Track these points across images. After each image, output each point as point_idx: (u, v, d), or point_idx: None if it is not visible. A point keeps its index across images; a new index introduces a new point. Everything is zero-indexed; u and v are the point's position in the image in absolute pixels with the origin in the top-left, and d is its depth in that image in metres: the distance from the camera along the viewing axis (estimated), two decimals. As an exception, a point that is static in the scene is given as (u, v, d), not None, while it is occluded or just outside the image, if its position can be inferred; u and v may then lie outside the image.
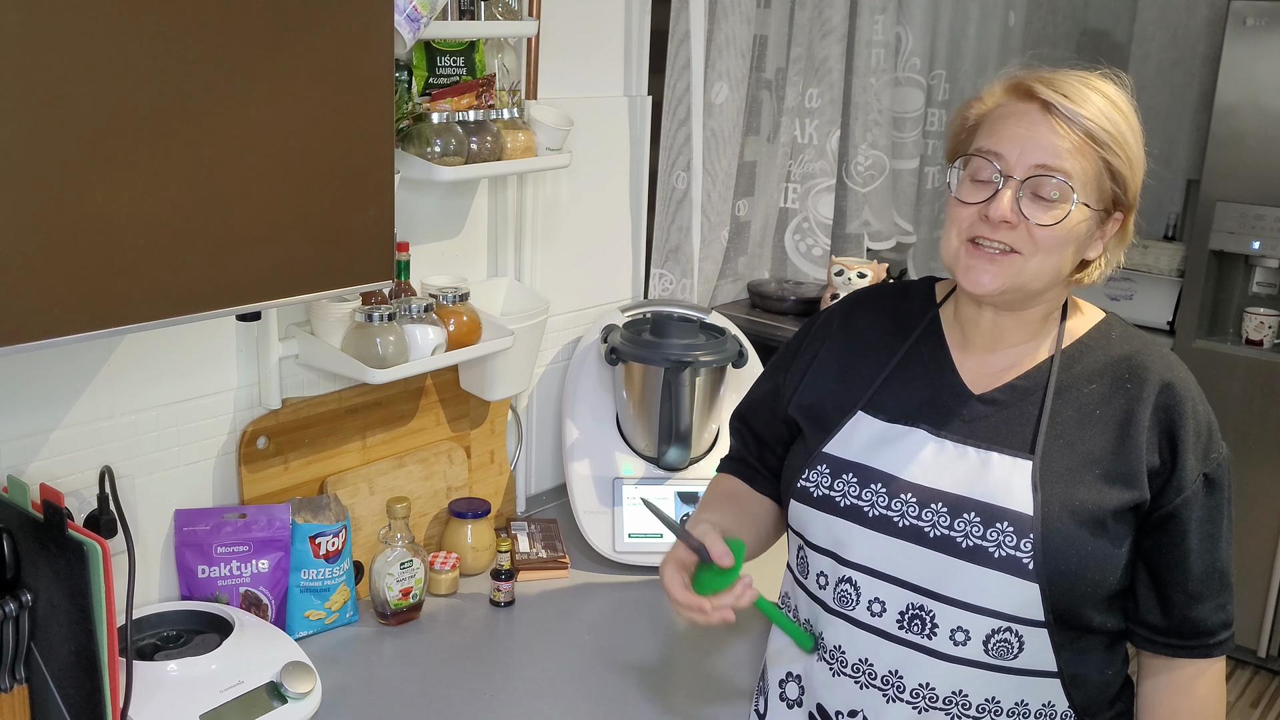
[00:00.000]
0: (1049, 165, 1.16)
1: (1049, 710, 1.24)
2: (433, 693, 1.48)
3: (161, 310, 1.10)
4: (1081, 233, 1.20)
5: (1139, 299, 3.73)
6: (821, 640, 1.31)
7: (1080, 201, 1.17)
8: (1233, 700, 3.29)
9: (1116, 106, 1.20)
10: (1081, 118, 1.17)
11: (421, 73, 1.62)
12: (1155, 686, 1.28)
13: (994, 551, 1.19)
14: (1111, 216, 1.23)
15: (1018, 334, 1.28)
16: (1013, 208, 1.17)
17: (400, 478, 1.77)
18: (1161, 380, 1.23)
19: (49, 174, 0.99)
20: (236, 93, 1.10)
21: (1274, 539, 3.28)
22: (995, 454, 1.23)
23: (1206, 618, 1.23)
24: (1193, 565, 1.22)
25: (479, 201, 1.89)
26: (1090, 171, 1.18)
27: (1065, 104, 1.17)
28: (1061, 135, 1.17)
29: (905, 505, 1.24)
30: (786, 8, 2.58)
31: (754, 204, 2.68)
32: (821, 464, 1.30)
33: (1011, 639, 1.20)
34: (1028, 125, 1.18)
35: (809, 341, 1.42)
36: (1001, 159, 1.18)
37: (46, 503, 1.16)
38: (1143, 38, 4.21)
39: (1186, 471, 1.20)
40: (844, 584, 1.27)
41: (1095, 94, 1.19)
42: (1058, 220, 1.17)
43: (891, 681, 1.24)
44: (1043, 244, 1.18)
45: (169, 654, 1.38)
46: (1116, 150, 1.18)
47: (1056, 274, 1.21)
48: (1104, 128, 1.17)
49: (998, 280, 1.20)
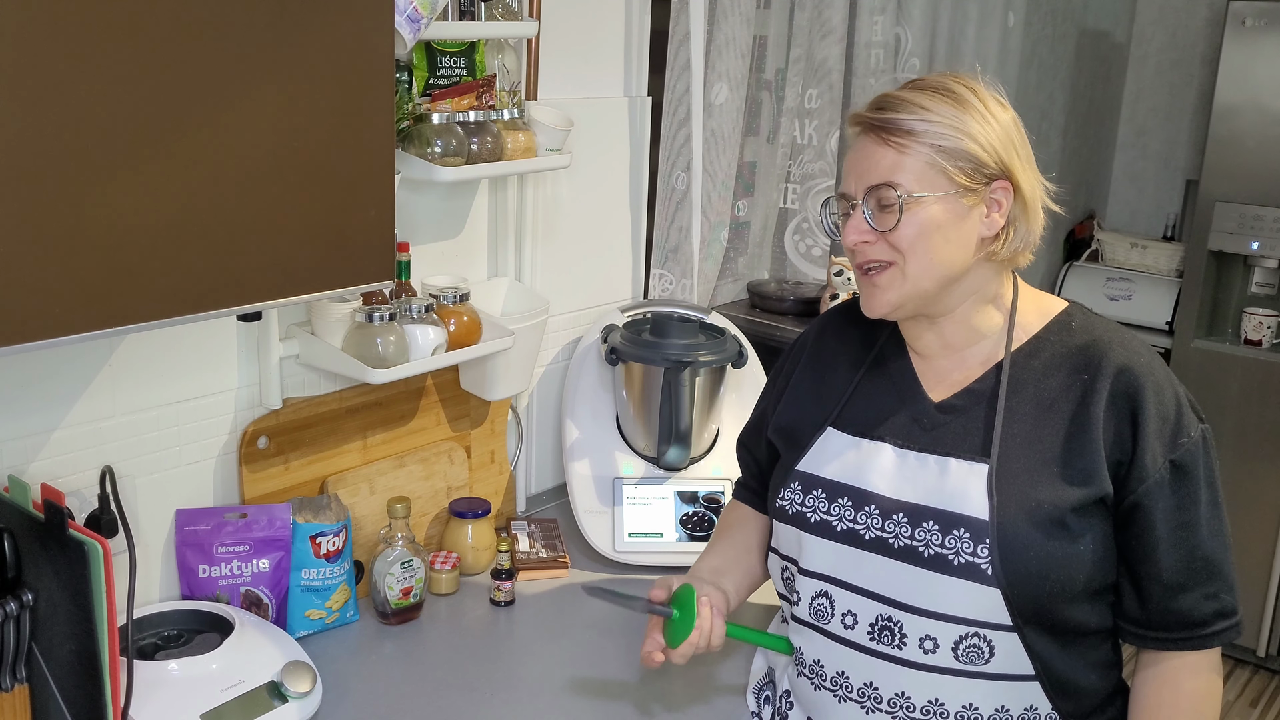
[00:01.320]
0: (874, 182, 1.21)
1: (1032, 714, 1.23)
2: (433, 693, 1.48)
3: (162, 310, 1.10)
4: (940, 219, 1.20)
5: (1138, 299, 3.73)
6: (801, 655, 1.32)
7: (912, 195, 1.19)
8: (1232, 699, 3.29)
9: (941, 93, 1.21)
10: (894, 120, 1.20)
11: (422, 73, 1.62)
12: (1144, 680, 1.26)
13: (953, 559, 1.19)
14: (989, 187, 1.21)
15: (959, 335, 1.28)
16: (857, 229, 1.22)
17: (400, 477, 1.78)
18: (1118, 365, 1.21)
19: (50, 174, 0.99)
20: (237, 93, 1.10)
21: (1274, 539, 3.29)
22: (953, 460, 1.23)
23: (1193, 609, 1.21)
24: (1164, 555, 1.19)
25: (479, 202, 1.89)
26: (920, 164, 1.19)
27: (880, 116, 1.21)
28: (883, 145, 1.21)
29: (870, 518, 1.25)
30: (786, 9, 2.58)
31: (754, 204, 2.68)
32: (795, 481, 1.32)
33: (981, 644, 1.20)
34: (857, 152, 1.25)
35: (788, 363, 1.46)
36: (846, 193, 1.25)
37: (47, 502, 1.16)
38: (1142, 38, 4.21)
39: (1149, 459, 1.18)
40: (819, 598, 1.29)
41: (917, 92, 1.22)
42: (894, 224, 1.20)
43: (868, 694, 1.25)
44: (901, 245, 1.21)
45: (169, 653, 1.38)
46: (941, 130, 1.19)
47: (942, 266, 1.22)
48: (920, 119, 1.19)
49: (886, 294, 1.24)
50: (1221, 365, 3.35)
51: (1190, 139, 4.12)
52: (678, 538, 1.85)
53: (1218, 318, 3.47)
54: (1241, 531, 3.36)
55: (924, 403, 1.28)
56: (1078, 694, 1.24)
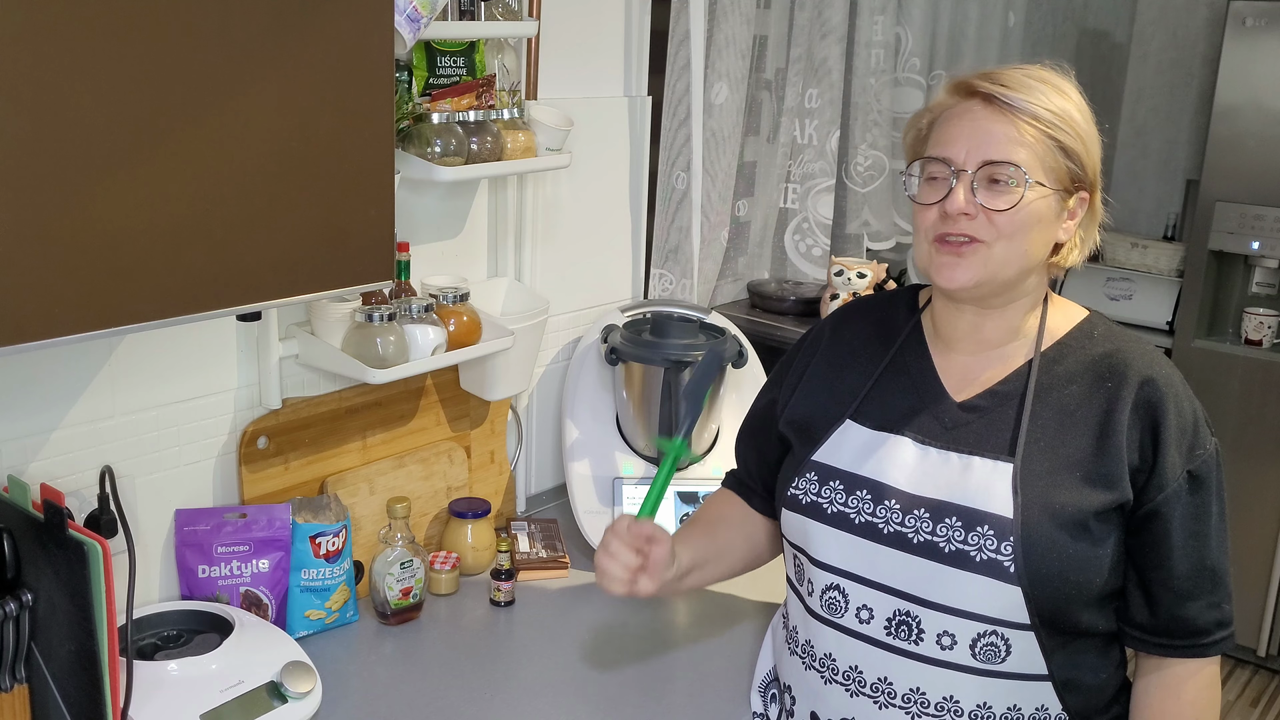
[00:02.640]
0: (995, 157, 1.19)
1: (1043, 714, 1.23)
2: (433, 693, 1.48)
3: (162, 310, 1.10)
4: (1043, 213, 1.21)
5: (1138, 299, 3.73)
6: (811, 647, 1.32)
7: (1034, 182, 1.19)
8: (1233, 700, 3.29)
9: (1058, 89, 1.22)
10: (1022, 101, 1.19)
11: (422, 73, 1.62)
12: (1145, 687, 1.27)
13: (975, 555, 1.19)
14: (1075, 195, 1.23)
15: (998, 333, 1.28)
16: (967, 198, 1.19)
17: (400, 478, 1.78)
18: (1142, 376, 1.23)
19: (50, 174, 0.99)
20: (237, 93, 1.10)
21: (1274, 539, 3.28)
22: (977, 459, 1.23)
23: (1197, 617, 1.22)
24: (1177, 563, 1.21)
25: (479, 202, 1.89)
26: (1040, 152, 1.19)
27: (1005, 93, 1.19)
28: (1006, 123, 1.19)
29: (889, 512, 1.24)
30: (786, 8, 2.58)
31: (754, 204, 2.68)
32: (810, 472, 1.31)
33: (998, 642, 1.20)
34: (971, 121, 1.21)
35: (800, 356, 1.44)
36: (951, 159, 1.21)
37: (47, 502, 1.16)
38: (1142, 38, 4.21)
39: (1168, 469, 1.20)
40: (832, 591, 1.28)
41: (1035, 81, 1.21)
42: (1014, 204, 1.19)
43: (881, 689, 1.25)
44: (1004, 229, 1.20)
45: (169, 654, 1.38)
46: (1064, 128, 1.20)
47: (1026, 259, 1.22)
48: (1046, 108, 1.19)
49: (969, 272, 1.21)
50: (1222, 365, 3.35)
51: (1191, 139, 4.12)
52: (678, 538, 1.85)
53: (1218, 318, 3.47)
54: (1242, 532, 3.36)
55: (946, 401, 1.28)
56: (1086, 693, 1.25)
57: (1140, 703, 1.27)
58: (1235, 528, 1.26)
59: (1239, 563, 1.26)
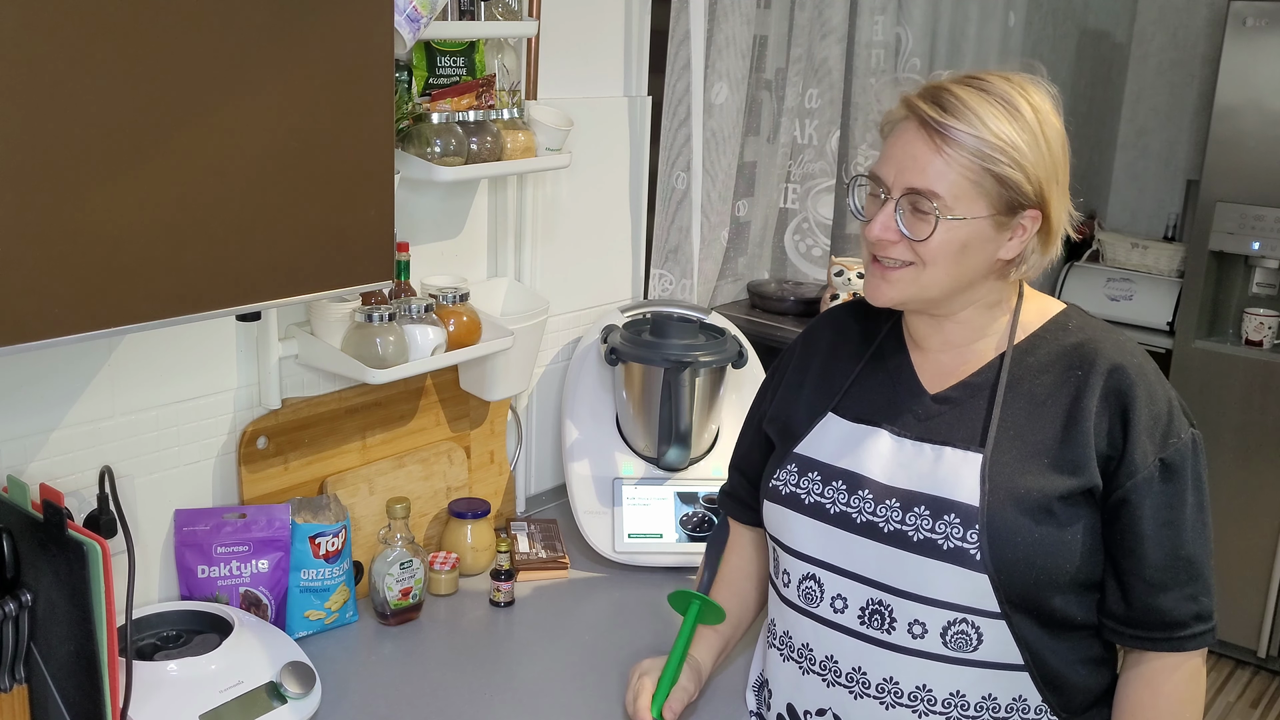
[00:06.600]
0: (917, 187, 1.18)
1: (1020, 705, 1.24)
2: (433, 693, 1.48)
3: (162, 310, 1.10)
4: (970, 239, 1.19)
5: (1139, 299, 3.73)
6: (789, 638, 1.33)
7: (952, 218, 1.18)
8: (1232, 700, 3.29)
9: (1009, 109, 1.18)
10: (956, 130, 1.17)
11: (421, 73, 1.62)
12: (1126, 681, 1.27)
13: (942, 544, 1.20)
14: (1020, 215, 1.21)
15: (961, 335, 1.29)
16: (885, 226, 1.20)
17: (400, 478, 1.77)
18: (1111, 364, 1.23)
19: (49, 174, 0.99)
20: (236, 93, 1.10)
21: (1274, 539, 3.28)
22: (948, 449, 1.24)
23: (1172, 608, 1.21)
24: (1149, 552, 1.20)
25: (479, 202, 1.89)
26: (967, 182, 1.17)
27: (940, 119, 1.17)
28: (934, 151, 1.18)
29: (862, 502, 1.26)
30: (786, 8, 2.58)
31: (754, 204, 2.68)
32: (791, 463, 1.34)
33: (969, 630, 1.21)
34: (904, 144, 1.20)
35: (785, 359, 1.47)
36: (883, 179, 1.22)
37: (46, 503, 1.16)
38: (1142, 38, 4.21)
39: (1138, 456, 1.19)
40: (808, 581, 1.30)
41: (984, 101, 1.18)
42: (927, 235, 1.19)
43: (856, 678, 1.26)
44: (928, 257, 1.20)
45: (169, 654, 1.38)
46: (999, 157, 1.16)
47: (956, 281, 1.22)
48: (982, 137, 1.16)
49: (894, 291, 1.24)
50: (1222, 366, 3.35)
51: (1191, 139, 4.12)
52: (677, 538, 1.85)
53: (1218, 318, 3.47)
54: (1242, 532, 3.37)
55: (921, 394, 1.30)
56: (1068, 688, 1.25)
57: (1119, 695, 1.27)
58: (1236, 528, 1.25)
59: (1239, 563, 1.25)
